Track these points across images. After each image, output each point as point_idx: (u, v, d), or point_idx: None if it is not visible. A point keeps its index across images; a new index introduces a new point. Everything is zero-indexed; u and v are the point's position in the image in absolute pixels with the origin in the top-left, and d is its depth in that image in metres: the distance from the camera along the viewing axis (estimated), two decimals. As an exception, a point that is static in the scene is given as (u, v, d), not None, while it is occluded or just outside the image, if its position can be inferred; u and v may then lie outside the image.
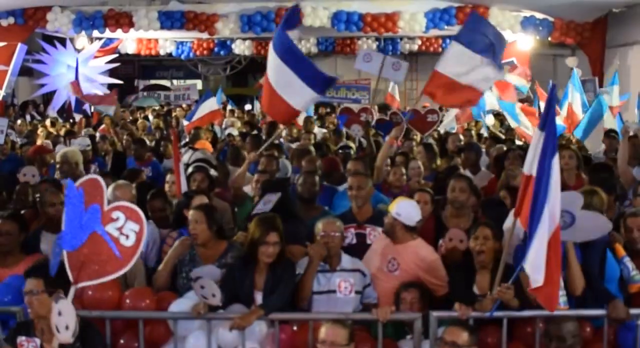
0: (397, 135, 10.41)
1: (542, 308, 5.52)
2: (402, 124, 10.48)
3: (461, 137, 12.95)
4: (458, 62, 8.84)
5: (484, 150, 11.43)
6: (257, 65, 27.27)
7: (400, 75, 13.78)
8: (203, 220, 6.00)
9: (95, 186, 4.42)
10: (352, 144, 11.99)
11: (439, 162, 10.48)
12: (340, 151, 11.16)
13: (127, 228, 4.31)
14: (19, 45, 16.31)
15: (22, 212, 7.26)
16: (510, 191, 7.56)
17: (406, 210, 6.29)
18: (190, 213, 6.11)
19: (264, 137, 12.63)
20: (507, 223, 6.41)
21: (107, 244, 4.32)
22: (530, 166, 5.43)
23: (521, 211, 5.57)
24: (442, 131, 14.92)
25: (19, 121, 18.33)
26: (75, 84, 15.56)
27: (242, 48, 23.96)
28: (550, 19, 17.08)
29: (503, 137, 14.16)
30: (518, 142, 13.32)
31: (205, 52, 24.59)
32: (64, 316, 4.28)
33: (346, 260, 6.00)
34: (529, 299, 5.58)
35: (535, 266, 5.21)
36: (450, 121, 15.32)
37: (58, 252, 4.57)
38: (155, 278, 6.05)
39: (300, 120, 14.67)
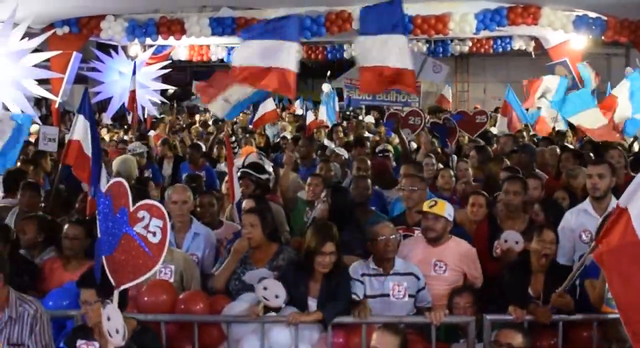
0: (424, 140, 10.52)
1: (598, 311, 5.47)
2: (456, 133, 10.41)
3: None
4: (370, 50, 9.21)
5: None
6: (306, 69, 27.34)
7: (440, 77, 13.70)
8: (257, 224, 6.04)
9: (121, 189, 4.45)
10: (390, 147, 11.93)
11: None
12: (379, 155, 11.14)
13: (152, 225, 4.31)
14: (74, 53, 16.54)
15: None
16: (569, 191, 7.50)
17: (450, 211, 6.40)
18: (244, 217, 6.15)
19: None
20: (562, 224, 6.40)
21: (138, 244, 4.34)
22: (628, 199, 4.99)
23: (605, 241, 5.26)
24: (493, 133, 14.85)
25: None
26: (131, 97, 15.83)
27: (292, 52, 24.00)
28: (603, 17, 16.78)
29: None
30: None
31: (255, 57, 24.68)
32: (113, 320, 4.33)
33: (399, 264, 5.99)
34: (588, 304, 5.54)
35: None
36: (501, 124, 15.23)
37: (98, 258, 4.63)
38: (214, 282, 6.10)
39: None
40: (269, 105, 15.12)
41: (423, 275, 6.12)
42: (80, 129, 8.57)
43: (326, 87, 18.38)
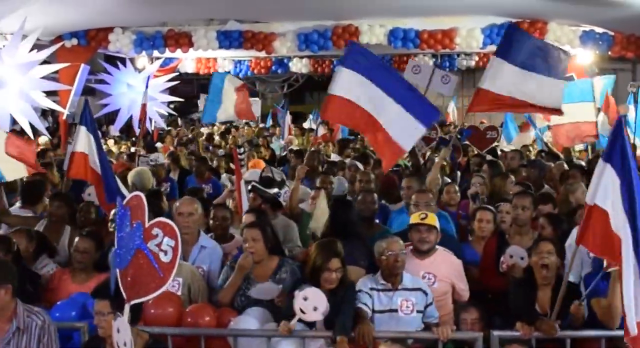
0: (446, 156, 10.39)
1: (605, 328, 5.46)
2: (449, 146, 10.31)
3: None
4: (501, 77, 8.68)
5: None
6: (314, 82, 27.40)
7: (449, 88, 13.58)
8: (259, 238, 6.05)
9: (139, 203, 4.45)
10: (400, 162, 11.90)
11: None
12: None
13: (165, 244, 4.30)
14: (82, 65, 16.60)
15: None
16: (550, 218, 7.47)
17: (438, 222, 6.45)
18: (246, 232, 6.15)
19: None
20: (570, 241, 6.38)
21: (150, 261, 4.33)
22: (593, 196, 5.31)
23: (588, 240, 5.43)
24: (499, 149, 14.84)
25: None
26: (142, 111, 15.90)
27: (299, 66, 24.09)
28: (610, 33, 16.80)
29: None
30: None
31: (262, 70, 24.77)
32: (122, 333, 4.34)
33: (407, 279, 5.97)
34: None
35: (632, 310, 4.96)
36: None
37: (114, 271, 4.64)
38: (220, 298, 6.09)
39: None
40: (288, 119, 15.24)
41: None
42: (82, 141, 8.58)
43: None
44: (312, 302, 5.35)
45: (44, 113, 20.52)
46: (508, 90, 8.58)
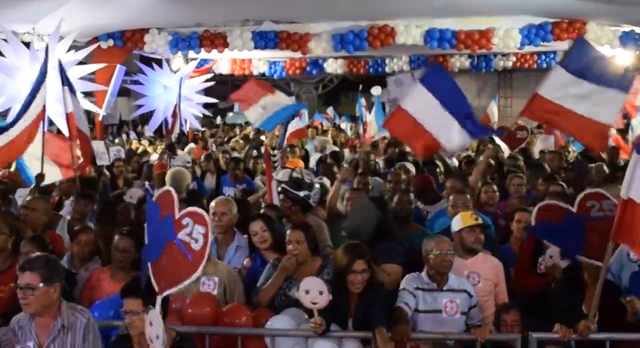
0: (492, 155, 10.27)
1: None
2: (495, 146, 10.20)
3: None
4: (562, 87, 8.53)
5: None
6: (348, 83, 27.39)
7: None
8: (303, 240, 6.03)
9: (169, 197, 4.51)
10: (438, 162, 11.82)
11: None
12: (425, 169, 11.04)
13: (195, 232, 4.35)
14: (118, 66, 16.74)
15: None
16: None
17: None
18: (290, 234, 6.13)
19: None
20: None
21: (181, 251, 4.37)
22: (627, 189, 5.22)
23: (624, 235, 5.34)
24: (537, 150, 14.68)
25: (116, 140, 18.87)
26: (174, 111, 15.99)
27: (334, 67, 24.11)
28: (651, 33, 16.63)
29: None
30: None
31: (297, 71, 24.83)
32: (154, 326, 4.34)
33: (453, 280, 5.91)
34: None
35: None
36: (544, 141, 15.04)
37: (145, 264, 4.65)
38: (260, 297, 6.06)
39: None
40: (296, 123, 15.17)
41: None
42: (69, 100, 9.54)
43: (375, 91, 18.14)
44: (314, 291, 5.32)
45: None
46: (564, 99, 8.43)
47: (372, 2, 14.80)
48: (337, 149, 16.33)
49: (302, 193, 7.98)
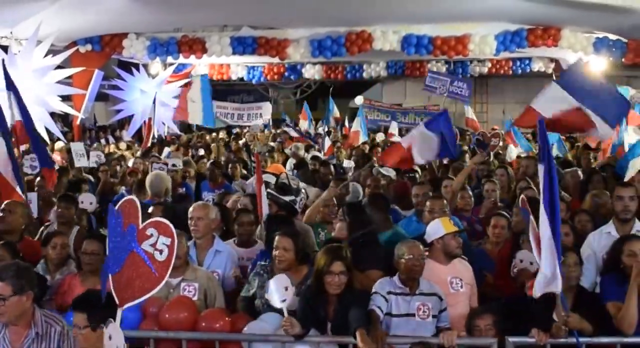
0: (479, 161, 10.42)
1: (622, 334, 5.44)
2: (484, 152, 10.31)
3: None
4: (556, 101, 8.60)
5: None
6: (326, 89, 27.42)
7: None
8: (291, 248, 6.07)
9: (132, 206, 4.41)
10: (417, 168, 11.90)
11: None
12: (406, 176, 11.10)
13: (160, 243, 4.27)
14: (96, 71, 16.70)
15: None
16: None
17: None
18: (277, 239, 6.14)
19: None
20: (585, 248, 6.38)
21: (144, 262, 4.28)
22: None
23: None
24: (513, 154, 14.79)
25: (94, 145, 18.80)
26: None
27: (312, 72, 24.18)
28: (624, 40, 16.77)
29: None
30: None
31: (275, 76, 24.88)
32: (114, 340, 4.27)
33: (424, 284, 5.95)
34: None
35: None
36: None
37: (105, 278, 4.56)
38: (239, 301, 6.11)
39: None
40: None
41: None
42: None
43: (359, 100, 18.39)
44: (280, 287, 5.37)
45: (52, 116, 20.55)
46: (556, 110, 8.53)
47: (350, 9, 14.87)
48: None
49: (287, 198, 8.03)
